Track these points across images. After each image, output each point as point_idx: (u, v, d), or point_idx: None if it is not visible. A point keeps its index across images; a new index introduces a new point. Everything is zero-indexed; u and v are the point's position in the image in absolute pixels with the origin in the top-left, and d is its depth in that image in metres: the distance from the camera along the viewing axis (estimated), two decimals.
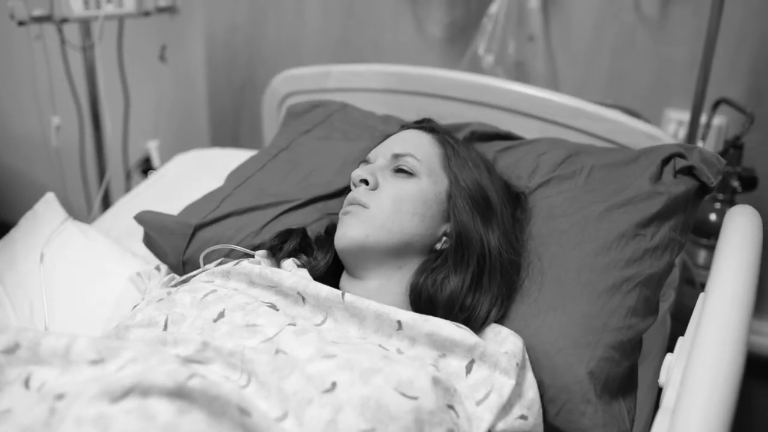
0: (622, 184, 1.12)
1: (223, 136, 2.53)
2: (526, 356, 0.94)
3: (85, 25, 1.88)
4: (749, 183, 1.62)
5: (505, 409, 0.87)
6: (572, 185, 1.15)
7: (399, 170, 1.05)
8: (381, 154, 1.09)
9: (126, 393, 0.68)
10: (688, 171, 1.13)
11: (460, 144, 1.13)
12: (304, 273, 1.05)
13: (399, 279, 1.02)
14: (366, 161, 1.11)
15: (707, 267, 1.65)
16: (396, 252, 1.01)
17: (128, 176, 2.25)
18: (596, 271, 1.02)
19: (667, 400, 0.83)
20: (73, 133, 2.09)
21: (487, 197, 1.06)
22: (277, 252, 1.13)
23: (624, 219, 1.07)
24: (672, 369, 0.93)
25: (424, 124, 1.17)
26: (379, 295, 1.00)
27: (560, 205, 1.13)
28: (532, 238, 1.10)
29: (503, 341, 0.94)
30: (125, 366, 0.74)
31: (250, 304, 0.94)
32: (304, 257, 1.12)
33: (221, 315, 0.92)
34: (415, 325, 0.90)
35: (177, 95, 2.46)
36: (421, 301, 0.99)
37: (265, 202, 1.29)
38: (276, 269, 1.01)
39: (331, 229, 1.16)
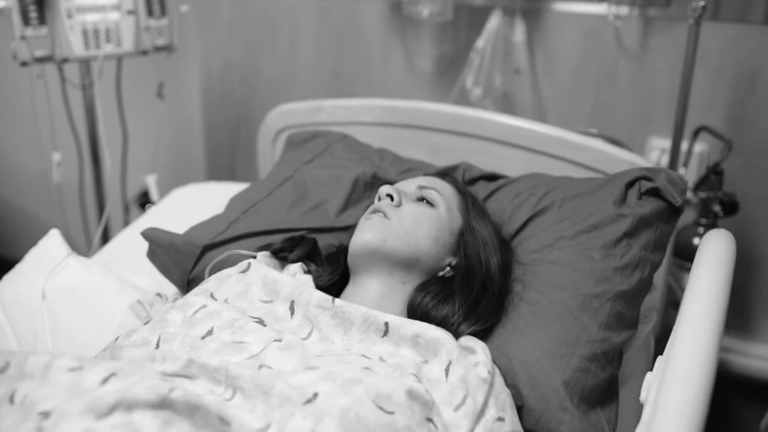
0: (589, 210, 1.19)
1: (219, 169, 2.58)
2: (494, 362, 1.00)
3: (85, 63, 1.94)
4: (730, 207, 1.67)
5: (482, 412, 0.91)
6: (546, 219, 1.23)
7: (421, 199, 1.15)
8: (406, 184, 1.19)
9: (111, 409, 0.72)
10: (655, 192, 1.19)
11: (476, 199, 1.25)
12: (308, 280, 1.12)
13: (400, 294, 1.09)
14: (390, 196, 1.16)
15: None
16: (405, 264, 1.09)
17: (126, 210, 2.29)
18: (567, 290, 1.09)
19: (645, 415, 0.87)
20: (73, 169, 2.14)
21: (493, 241, 1.16)
22: (286, 254, 1.20)
23: (591, 242, 1.14)
24: (651, 387, 0.97)
25: (447, 179, 1.28)
26: (379, 307, 1.05)
27: (536, 238, 1.20)
28: (514, 269, 1.18)
29: (475, 349, 0.99)
30: (108, 380, 0.77)
31: (238, 320, 0.98)
32: (312, 265, 1.19)
33: (209, 333, 0.96)
34: (402, 326, 0.97)
35: (174, 130, 2.51)
36: (416, 316, 1.05)
37: (273, 228, 1.33)
38: (277, 279, 1.06)
39: (343, 248, 1.22)
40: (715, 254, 0.98)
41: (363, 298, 1.08)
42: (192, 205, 1.74)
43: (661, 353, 1.03)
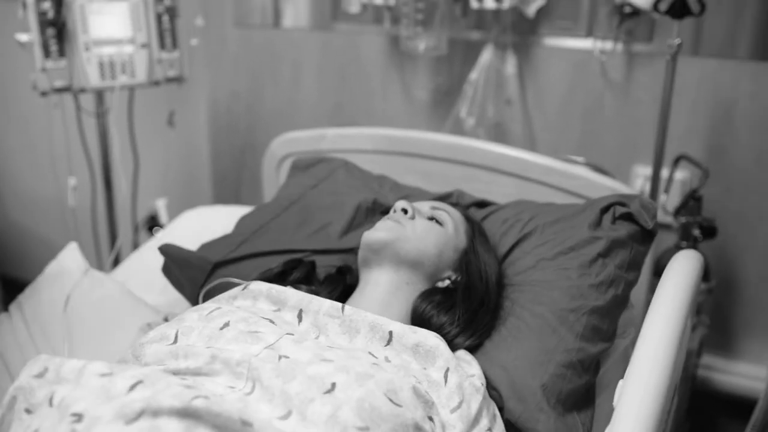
0: (567, 234, 1.29)
1: (225, 194, 2.68)
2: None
3: (99, 93, 2.05)
4: (709, 231, 1.76)
5: (476, 420, 0.99)
6: (530, 243, 1.32)
7: (432, 218, 1.25)
8: (420, 204, 1.29)
9: (138, 415, 0.78)
10: (628, 217, 1.29)
11: (482, 227, 1.35)
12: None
13: (405, 296, 1.18)
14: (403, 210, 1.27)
15: None
16: (411, 265, 1.18)
17: (136, 232, 2.39)
18: (547, 305, 1.19)
19: (613, 419, 0.96)
20: (86, 194, 2.24)
21: (492, 264, 1.27)
22: (286, 278, 1.27)
23: (569, 263, 1.24)
24: (621, 392, 1.06)
25: (458, 207, 1.38)
26: (385, 305, 1.15)
27: (521, 261, 1.30)
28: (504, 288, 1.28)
29: (470, 362, 1.10)
30: (135, 386, 0.83)
31: (251, 317, 1.05)
32: (305, 288, 1.24)
33: (226, 324, 1.02)
34: (404, 335, 1.05)
35: (182, 157, 2.62)
36: (418, 321, 1.14)
37: (281, 248, 1.41)
38: (283, 290, 1.13)
39: (344, 269, 1.31)
40: (680, 271, 1.08)
41: (370, 297, 1.16)
42: (200, 227, 1.83)
43: None
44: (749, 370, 2.04)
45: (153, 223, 2.47)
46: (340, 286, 1.27)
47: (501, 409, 1.07)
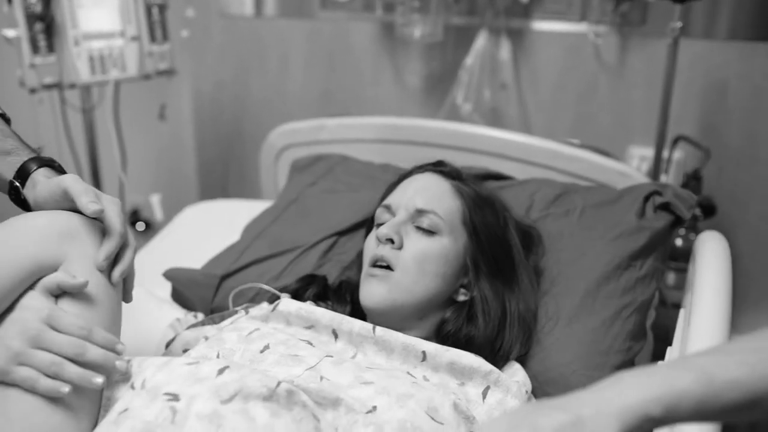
0: (613, 221, 1.28)
1: (211, 188, 2.64)
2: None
3: (87, 88, 1.99)
4: (709, 210, 1.80)
5: None
6: (568, 222, 1.31)
7: (421, 228, 1.11)
8: (403, 207, 1.14)
9: (232, 396, 0.80)
10: (665, 207, 1.30)
11: (477, 190, 1.19)
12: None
13: (423, 326, 1.12)
14: (387, 208, 1.17)
15: (677, 287, 1.82)
16: (419, 310, 1.11)
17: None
18: (599, 299, 1.17)
19: None
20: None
21: (505, 250, 1.15)
22: (301, 295, 1.23)
23: (618, 252, 1.22)
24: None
25: (442, 168, 1.21)
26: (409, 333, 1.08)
27: (560, 241, 1.27)
28: (539, 270, 1.24)
29: (515, 373, 1.06)
30: (223, 371, 0.83)
31: (290, 340, 1.03)
32: (323, 304, 1.21)
33: (266, 347, 1.01)
34: (437, 354, 1.02)
35: (170, 150, 2.56)
36: (447, 343, 1.07)
37: (282, 249, 1.41)
38: (310, 307, 1.10)
39: (345, 286, 1.25)
40: (716, 254, 1.09)
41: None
42: (203, 224, 1.81)
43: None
44: None
45: (135, 218, 2.42)
46: (349, 303, 1.21)
47: None
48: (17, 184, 0.96)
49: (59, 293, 0.87)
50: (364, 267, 1.14)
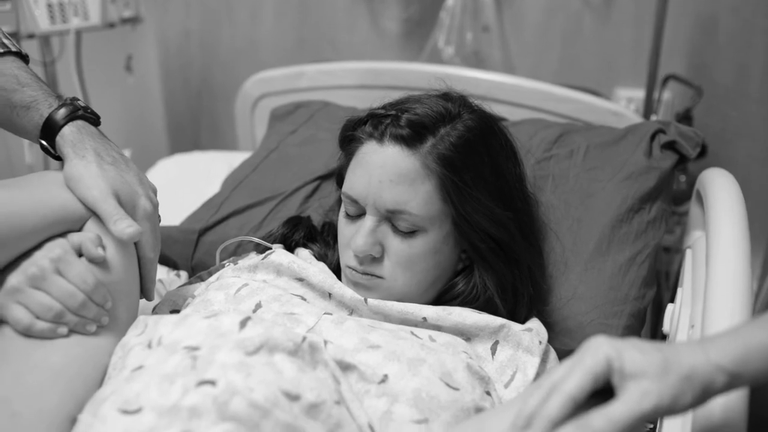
0: (620, 161, 1.21)
1: (182, 141, 2.54)
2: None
3: (46, 39, 1.88)
4: (701, 151, 1.76)
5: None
6: (573, 163, 1.24)
7: (400, 230, 0.97)
8: (371, 205, 0.97)
9: (257, 349, 0.76)
10: (670, 146, 1.25)
11: (451, 141, 0.96)
12: (323, 266, 1.05)
13: (422, 299, 1.01)
14: (356, 203, 0.99)
15: (670, 231, 1.79)
16: (420, 295, 1.00)
17: None
18: (614, 243, 1.11)
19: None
20: (38, 151, 2.07)
21: (496, 217, 0.98)
22: (289, 238, 1.15)
23: (630, 193, 1.16)
24: (675, 316, 1.04)
25: (403, 133, 0.96)
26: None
27: (566, 182, 1.21)
28: (544, 210, 1.17)
29: (531, 325, 0.97)
30: (245, 323, 0.80)
31: (282, 295, 0.96)
32: (315, 248, 1.14)
33: (258, 306, 0.94)
34: (440, 318, 0.94)
35: (134, 104, 2.45)
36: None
37: (262, 198, 1.34)
38: (303, 263, 1.02)
39: (329, 228, 1.17)
40: (728, 191, 1.04)
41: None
42: (179, 178, 1.73)
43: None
44: None
45: None
46: (333, 248, 1.12)
47: None
48: (46, 144, 0.94)
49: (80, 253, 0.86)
50: (343, 260, 1.02)
